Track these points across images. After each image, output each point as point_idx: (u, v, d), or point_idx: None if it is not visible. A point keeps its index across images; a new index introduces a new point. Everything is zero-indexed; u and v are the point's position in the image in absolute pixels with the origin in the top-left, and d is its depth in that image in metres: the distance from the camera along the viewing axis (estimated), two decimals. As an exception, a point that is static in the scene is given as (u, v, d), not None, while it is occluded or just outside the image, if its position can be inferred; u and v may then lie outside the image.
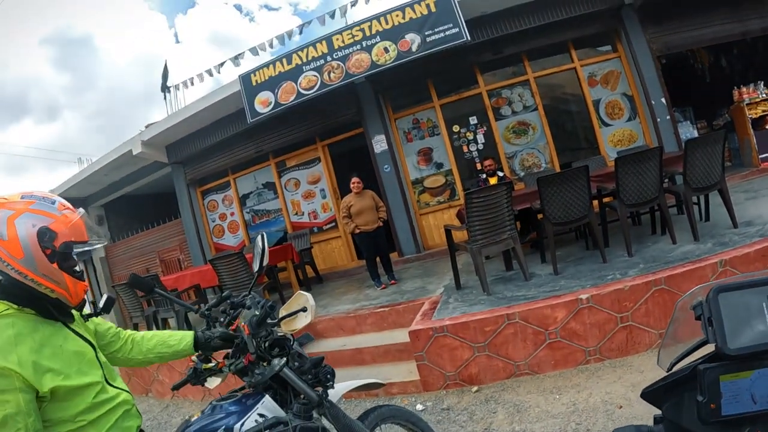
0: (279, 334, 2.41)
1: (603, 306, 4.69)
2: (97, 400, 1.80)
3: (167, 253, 14.23)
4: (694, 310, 1.26)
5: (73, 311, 1.93)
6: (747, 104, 9.49)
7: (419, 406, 4.87)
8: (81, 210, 1.94)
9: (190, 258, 13.22)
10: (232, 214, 12.77)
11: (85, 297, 1.95)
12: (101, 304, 2.21)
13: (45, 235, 1.72)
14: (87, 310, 2.06)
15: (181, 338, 2.33)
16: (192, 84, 13.00)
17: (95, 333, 2.10)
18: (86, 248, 1.93)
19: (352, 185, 7.95)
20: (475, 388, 4.92)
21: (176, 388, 2.38)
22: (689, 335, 1.37)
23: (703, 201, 6.55)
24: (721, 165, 5.79)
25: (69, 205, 1.89)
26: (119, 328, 2.28)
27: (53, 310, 1.80)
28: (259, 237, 2.54)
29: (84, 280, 1.91)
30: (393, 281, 8.16)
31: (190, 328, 8.44)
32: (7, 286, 1.71)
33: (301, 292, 2.54)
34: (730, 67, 12.26)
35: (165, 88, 13.62)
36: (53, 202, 1.81)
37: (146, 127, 12.65)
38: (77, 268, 1.88)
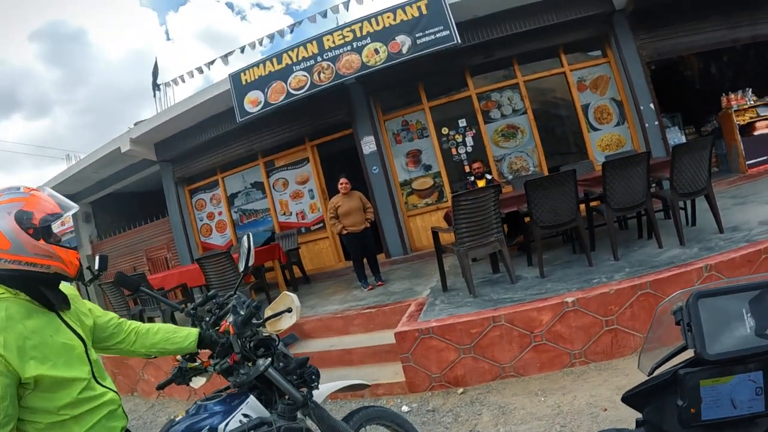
0: (264, 334, 2.42)
1: (589, 309, 4.71)
2: (83, 396, 1.81)
3: (154, 251, 14.18)
4: (674, 315, 1.27)
5: (71, 293, 1.97)
6: (735, 111, 9.57)
7: (405, 408, 4.87)
8: (46, 188, 1.99)
9: (178, 257, 13.17)
10: (220, 213, 12.72)
11: (81, 264, 1.99)
12: (96, 265, 2.23)
13: (23, 217, 1.76)
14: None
15: (186, 336, 2.34)
16: (183, 81, 12.97)
17: (94, 326, 2.11)
18: (64, 214, 1.97)
19: (340, 186, 7.94)
20: (460, 390, 4.93)
21: (161, 387, 2.38)
22: (670, 340, 1.38)
23: (689, 206, 6.60)
24: (708, 171, 5.83)
25: (32, 186, 1.94)
26: (122, 319, 2.28)
27: (50, 295, 1.85)
28: (245, 237, 2.54)
29: (74, 248, 1.94)
30: (380, 282, 8.15)
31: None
32: (2, 274, 1.75)
33: (287, 293, 2.54)
34: (720, 74, 12.35)
35: (155, 86, 13.56)
36: (18, 188, 1.86)
37: (135, 124, 12.61)
38: (63, 240, 1.95)
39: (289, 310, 2.45)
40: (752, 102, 9.64)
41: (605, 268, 5.57)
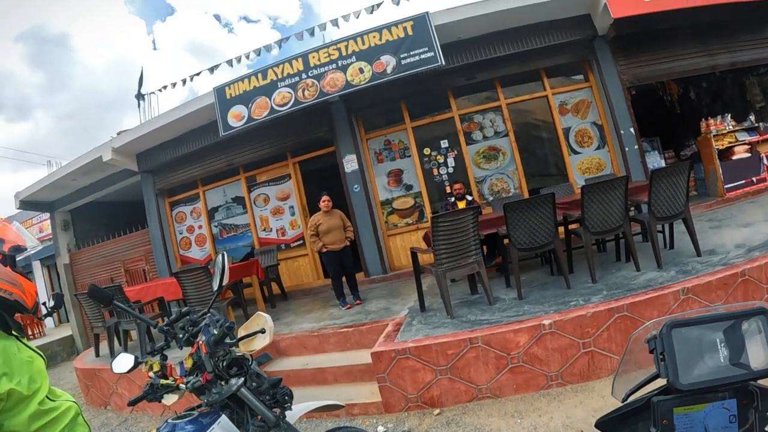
0: (237, 353, 2.39)
1: (565, 332, 4.72)
2: (43, 407, 1.86)
3: (132, 263, 14.03)
4: (648, 344, 1.27)
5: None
6: (714, 135, 9.75)
7: (380, 428, 4.84)
8: (15, 222, 2.10)
9: (156, 269, 13.03)
10: (200, 227, 12.64)
11: (38, 299, 2.04)
12: (51, 302, 2.22)
13: None
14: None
15: None
16: (166, 89, 12.96)
17: None
18: (28, 250, 2.04)
19: (321, 203, 7.91)
20: (436, 411, 4.90)
21: (132, 403, 2.34)
22: (644, 366, 1.38)
23: (667, 229, 6.67)
24: (685, 195, 5.89)
25: (3, 217, 2.06)
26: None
27: (9, 320, 1.90)
28: (220, 256, 2.54)
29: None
30: (358, 301, 8.12)
31: (152, 341, 8.32)
32: None
33: (260, 313, 2.52)
34: (699, 100, 12.56)
35: (140, 96, 13.51)
36: None
37: (118, 134, 12.52)
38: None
39: (263, 331, 2.44)
40: (731, 127, 9.83)
41: (583, 291, 5.58)
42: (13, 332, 1.94)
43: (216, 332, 2.28)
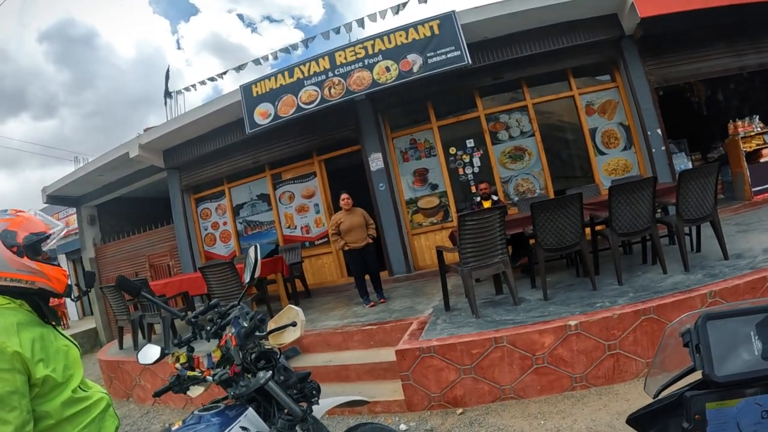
0: (266, 347, 2.40)
1: (591, 333, 4.69)
2: (76, 396, 1.92)
3: (157, 258, 14.17)
4: (683, 336, 1.26)
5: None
6: (741, 138, 9.60)
7: (403, 426, 4.84)
8: (34, 209, 2.15)
9: (180, 264, 13.16)
10: (225, 223, 12.74)
11: (69, 282, 2.10)
12: (83, 282, 2.28)
13: (6, 236, 1.90)
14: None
15: None
16: (195, 89, 13.07)
17: None
18: (50, 235, 2.08)
19: (341, 202, 7.92)
20: (459, 411, 4.90)
21: (158, 395, 2.36)
22: (677, 362, 1.37)
23: (694, 232, 6.59)
24: (713, 197, 5.81)
25: (20, 208, 2.08)
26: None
27: (44, 307, 1.99)
28: (252, 248, 2.55)
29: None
30: (382, 299, 8.11)
31: (176, 334, 8.39)
32: (4, 288, 1.89)
33: (291, 306, 2.52)
34: (726, 101, 12.40)
35: (167, 94, 13.64)
36: (5, 210, 2.02)
37: (145, 130, 12.66)
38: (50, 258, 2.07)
39: (294, 324, 2.43)
40: (759, 129, 9.67)
41: (609, 293, 5.54)
42: (50, 321, 2.01)
43: (247, 324, 2.29)
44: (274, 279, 9.21)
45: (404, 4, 10.61)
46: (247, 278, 2.52)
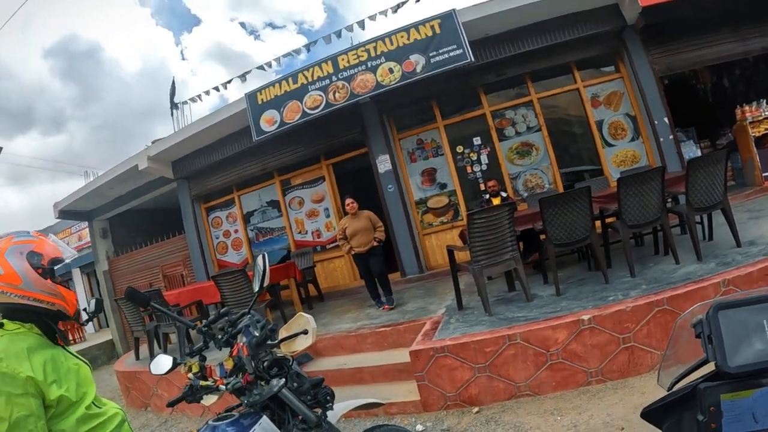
0: (278, 355, 2.41)
1: (605, 327, 4.67)
2: (91, 412, 1.94)
3: (170, 268, 14.24)
4: (694, 328, 1.26)
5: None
6: (750, 123, 9.50)
7: (419, 427, 4.84)
8: (51, 235, 2.23)
9: (193, 274, 13.22)
10: (236, 231, 12.79)
11: (78, 306, 2.15)
12: (92, 308, 2.29)
13: (34, 258, 1.95)
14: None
15: None
16: (200, 99, 13.11)
17: None
18: (66, 261, 2.15)
19: (346, 207, 7.90)
20: (475, 409, 4.89)
21: (172, 404, 2.37)
22: (690, 354, 1.37)
23: (706, 221, 6.53)
24: (723, 184, 5.77)
25: (39, 231, 2.15)
26: None
27: (57, 331, 2.03)
28: (260, 257, 2.56)
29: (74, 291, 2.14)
30: (385, 306, 7.88)
31: (191, 343, 8.43)
32: (14, 310, 1.92)
33: (302, 313, 2.53)
34: (732, 87, 12.31)
35: (173, 105, 13.71)
36: (28, 232, 2.07)
37: (153, 142, 12.73)
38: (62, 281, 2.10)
39: (305, 332, 2.45)
40: (767, 113, 9.56)
41: (621, 285, 5.52)
42: (59, 341, 2.04)
43: (258, 334, 2.30)
44: (287, 284, 9.22)
45: (403, 3, 10.62)
46: (256, 287, 2.53)
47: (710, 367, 1.24)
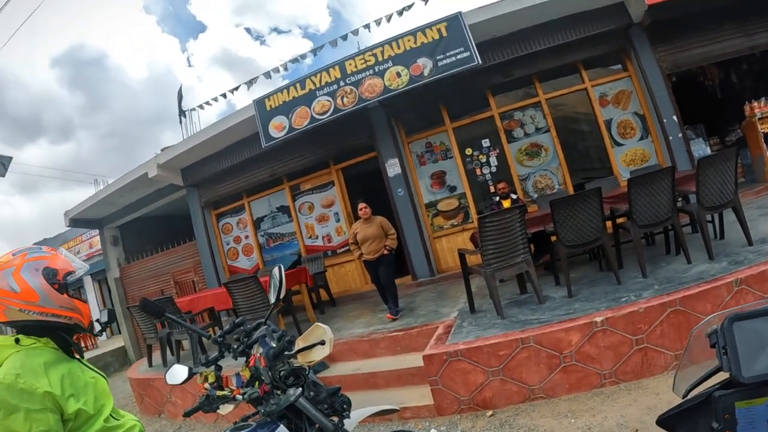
0: (295, 365, 2.42)
1: (618, 328, 4.66)
2: (109, 424, 1.96)
3: (182, 274, 14.31)
4: (709, 338, 1.26)
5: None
6: (759, 119, 9.46)
7: (433, 431, 4.85)
8: (62, 249, 2.21)
9: (205, 280, 13.28)
10: (247, 237, 12.84)
11: (92, 317, 2.18)
12: (104, 318, 2.32)
13: (49, 273, 1.96)
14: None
15: None
16: (209, 105, 13.19)
17: None
18: (78, 275, 2.14)
19: (359, 212, 7.77)
20: (489, 413, 4.89)
21: (188, 414, 2.38)
22: (705, 361, 1.37)
23: (717, 219, 6.50)
24: (734, 182, 5.75)
25: (50, 247, 2.17)
26: None
27: (72, 342, 2.05)
28: (276, 269, 2.57)
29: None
30: (388, 315, 7.69)
31: (204, 350, 8.47)
32: (30, 326, 1.93)
33: (319, 324, 2.53)
34: (740, 83, 12.24)
35: (181, 112, 13.77)
36: (40, 248, 2.08)
37: (162, 150, 12.81)
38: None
39: (322, 343, 2.45)
40: (776, 109, 9.51)
41: (633, 286, 5.51)
42: (75, 355, 2.06)
43: (275, 345, 2.31)
44: (298, 290, 9.24)
45: (409, 6, 10.64)
46: (272, 299, 2.55)
47: (725, 375, 1.25)
